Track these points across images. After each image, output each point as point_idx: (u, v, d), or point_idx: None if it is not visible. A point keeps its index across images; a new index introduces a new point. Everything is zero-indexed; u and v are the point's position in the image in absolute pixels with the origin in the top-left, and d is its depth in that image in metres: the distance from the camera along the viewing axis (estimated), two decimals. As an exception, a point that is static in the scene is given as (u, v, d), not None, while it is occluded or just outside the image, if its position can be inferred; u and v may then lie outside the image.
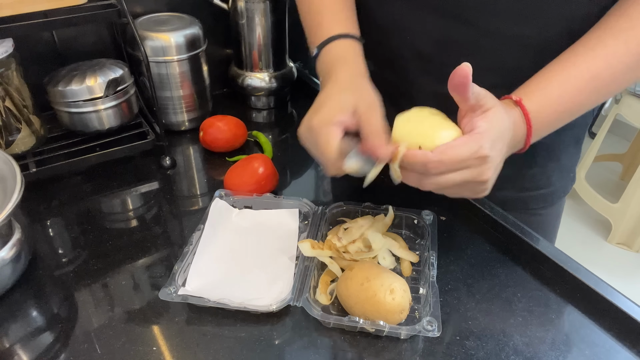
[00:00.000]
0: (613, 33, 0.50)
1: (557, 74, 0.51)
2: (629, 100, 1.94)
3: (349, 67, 0.57)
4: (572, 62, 0.51)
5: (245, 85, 0.95)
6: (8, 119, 0.69)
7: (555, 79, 0.51)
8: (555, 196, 0.75)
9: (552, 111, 0.51)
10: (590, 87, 0.51)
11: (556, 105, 0.51)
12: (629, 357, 0.51)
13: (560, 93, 0.51)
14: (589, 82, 0.50)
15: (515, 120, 0.50)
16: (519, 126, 0.50)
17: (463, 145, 0.45)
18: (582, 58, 0.51)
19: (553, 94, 0.51)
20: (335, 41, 0.60)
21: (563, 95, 0.51)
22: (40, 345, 0.52)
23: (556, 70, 0.52)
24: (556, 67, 0.52)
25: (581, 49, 0.51)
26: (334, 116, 0.50)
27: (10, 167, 0.56)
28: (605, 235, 2.11)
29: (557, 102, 0.51)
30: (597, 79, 0.50)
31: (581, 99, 0.52)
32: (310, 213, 0.66)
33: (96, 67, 0.75)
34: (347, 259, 0.59)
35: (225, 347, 0.51)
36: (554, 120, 0.53)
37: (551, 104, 0.51)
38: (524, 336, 0.53)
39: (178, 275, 0.55)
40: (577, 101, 0.52)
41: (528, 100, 0.50)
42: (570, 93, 0.51)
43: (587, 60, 0.50)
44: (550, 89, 0.51)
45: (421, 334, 0.50)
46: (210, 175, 0.82)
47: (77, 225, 0.68)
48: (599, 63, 0.50)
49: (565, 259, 0.59)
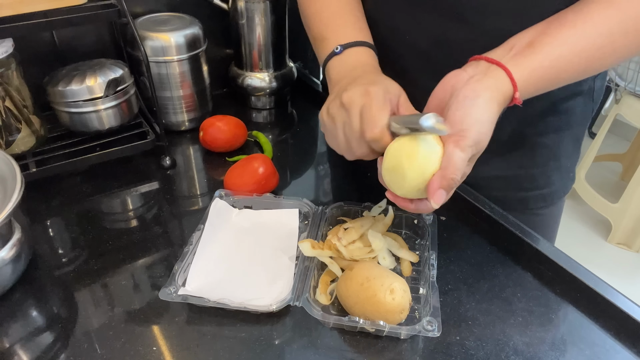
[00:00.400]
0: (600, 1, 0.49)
1: (545, 39, 0.50)
2: (629, 100, 1.94)
3: (378, 71, 0.58)
4: (570, 26, 0.50)
5: (245, 85, 0.95)
6: (8, 119, 0.69)
7: (543, 45, 0.50)
8: (555, 196, 0.75)
9: (538, 78, 0.50)
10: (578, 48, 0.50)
11: (543, 74, 0.50)
12: (629, 357, 0.51)
13: (549, 62, 0.49)
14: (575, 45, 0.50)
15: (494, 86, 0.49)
16: (504, 92, 0.49)
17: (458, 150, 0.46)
18: (580, 29, 0.50)
19: (539, 61, 0.49)
20: (361, 47, 0.60)
21: (552, 64, 0.50)
22: (40, 345, 0.52)
23: (545, 35, 0.50)
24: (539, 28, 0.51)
25: (569, 15, 0.50)
26: (389, 91, 0.52)
27: (10, 167, 0.56)
28: (605, 235, 2.11)
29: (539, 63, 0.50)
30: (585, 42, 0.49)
31: (572, 68, 0.51)
32: (310, 213, 0.66)
33: (96, 67, 0.75)
34: (347, 258, 0.59)
35: (225, 347, 0.51)
36: (542, 87, 0.51)
37: (538, 73, 0.50)
38: (524, 336, 0.53)
39: (178, 275, 0.55)
40: (564, 68, 0.50)
41: (515, 67, 0.49)
42: (560, 62, 0.50)
43: (575, 25, 0.49)
44: (538, 56, 0.49)
45: (421, 334, 0.50)
46: (210, 175, 0.82)
47: (77, 225, 0.68)
48: (597, 40, 0.49)
49: (565, 259, 0.59)
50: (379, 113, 0.49)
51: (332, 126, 0.54)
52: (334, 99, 0.54)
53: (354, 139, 0.52)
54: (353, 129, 0.51)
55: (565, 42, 0.49)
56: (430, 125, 0.44)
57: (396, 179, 0.49)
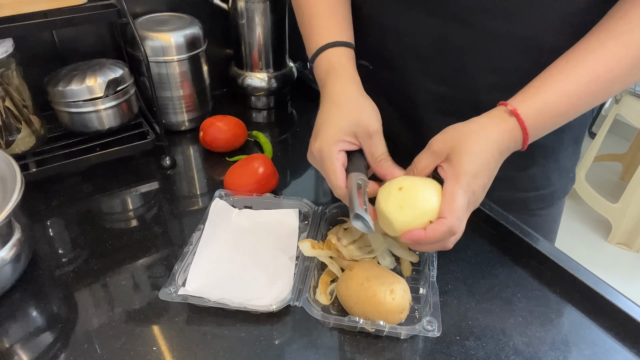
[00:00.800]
0: (613, 35, 0.50)
1: (556, 77, 0.51)
2: (629, 100, 1.94)
3: (340, 79, 0.58)
4: (571, 64, 0.51)
5: (245, 85, 0.95)
6: (8, 119, 0.69)
7: (554, 82, 0.51)
8: (555, 197, 0.75)
9: (549, 115, 0.51)
10: (589, 89, 0.50)
11: (553, 108, 0.51)
12: (629, 357, 0.51)
13: (558, 97, 0.50)
14: (588, 85, 0.50)
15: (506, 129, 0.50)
16: (512, 134, 0.50)
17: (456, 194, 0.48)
18: (582, 60, 0.50)
19: (551, 98, 0.50)
20: (325, 51, 0.60)
21: (561, 99, 0.50)
22: (40, 345, 0.52)
23: (555, 73, 0.51)
24: (555, 70, 0.51)
25: (581, 51, 0.51)
26: (334, 144, 0.53)
27: (10, 167, 0.56)
28: (605, 235, 2.11)
29: (554, 105, 0.50)
30: (596, 82, 0.50)
31: (579, 102, 0.51)
32: (310, 213, 0.66)
33: (96, 67, 0.75)
34: (347, 258, 0.59)
35: (225, 347, 0.51)
36: (550, 124, 0.52)
37: (548, 108, 0.51)
38: (524, 336, 0.53)
39: (178, 275, 0.55)
40: (575, 103, 0.51)
41: (525, 107, 0.50)
42: (568, 96, 0.50)
43: (586, 63, 0.50)
44: (549, 93, 0.50)
45: (421, 334, 0.50)
46: (210, 175, 0.82)
47: (77, 225, 0.68)
48: (597, 66, 0.50)
49: (565, 259, 0.59)
50: (334, 178, 0.52)
51: None
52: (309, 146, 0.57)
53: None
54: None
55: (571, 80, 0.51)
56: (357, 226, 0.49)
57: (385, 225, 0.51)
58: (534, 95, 0.51)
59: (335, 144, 0.53)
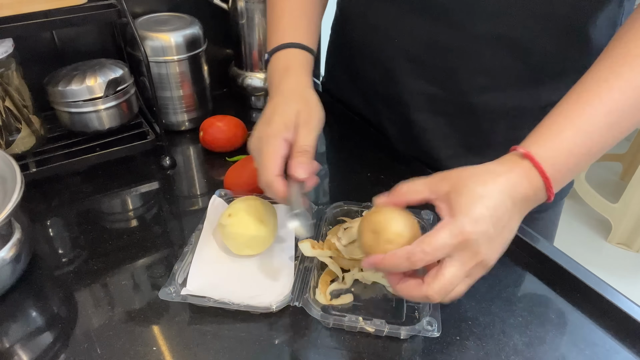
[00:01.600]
0: (626, 61, 0.45)
1: (568, 113, 0.45)
2: (629, 100, 1.94)
3: (294, 78, 0.58)
4: (584, 98, 0.45)
5: (245, 85, 0.95)
6: (8, 119, 0.69)
7: (567, 119, 0.45)
8: (553, 199, 0.75)
9: (569, 154, 0.44)
10: (608, 121, 0.44)
11: (572, 147, 0.44)
12: (629, 357, 0.51)
13: (574, 133, 0.44)
14: (606, 117, 0.44)
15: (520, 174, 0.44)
16: (529, 179, 0.44)
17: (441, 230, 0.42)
18: (595, 92, 0.45)
19: (567, 136, 0.44)
20: (284, 50, 0.60)
21: (578, 136, 0.44)
22: (40, 345, 0.52)
23: (567, 109, 0.46)
24: (566, 105, 0.46)
25: (592, 82, 0.46)
26: (280, 130, 0.52)
27: (10, 167, 0.56)
28: (605, 235, 2.11)
29: (572, 144, 0.44)
30: (613, 113, 0.44)
31: (600, 137, 0.45)
32: (310, 213, 0.66)
33: (96, 67, 0.75)
34: (347, 258, 0.59)
35: (225, 347, 0.51)
36: (573, 164, 0.45)
37: (567, 147, 0.44)
38: (524, 336, 0.53)
39: (178, 275, 0.56)
40: (596, 140, 0.45)
41: (539, 148, 0.44)
42: (586, 132, 0.44)
43: (600, 94, 0.45)
44: (563, 131, 0.44)
45: (421, 334, 0.50)
46: (210, 175, 0.82)
47: (77, 225, 0.68)
48: (614, 95, 0.44)
49: (566, 259, 0.59)
50: (271, 161, 0.51)
51: None
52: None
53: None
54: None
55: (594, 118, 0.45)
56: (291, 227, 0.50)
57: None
58: (547, 134, 0.45)
59: (279, 132, 0.51)
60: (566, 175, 0.45)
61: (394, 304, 0.56)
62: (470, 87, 0.63)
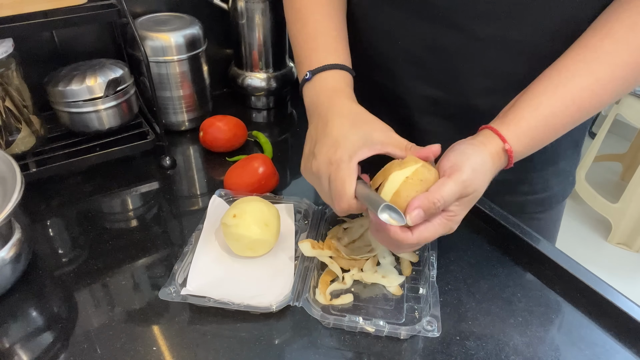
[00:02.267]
0: (597, 56, 0.50)
1: (538, 99, 0.51)
2: (629, 100, 1.94)
3: (347, 100, 0.57)
4: (552, 88, 0.51)
5: (245, 85, 0.95)
6: (8, 119, 0.69)
7: (535, 105, 0.51)
8: (554, 200, 0.75)
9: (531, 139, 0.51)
10: (572, 113, 0.51)
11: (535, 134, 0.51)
12: (629, 357, 0.51)
13: (538, 121, 0.51)
14: (572, 107, 0.51)
15: (496, 152, 0.51)
16: (499, 156, 0.51)
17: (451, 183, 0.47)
18: (565, 83, 0.50)
19: (532, 123, 0.51)
20: (331, 70, 0.59)
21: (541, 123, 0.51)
22: (40, 345, 0.52)
23: (537, 94, 0.51)
24: (537, 90, 0.52)
25: (566, 73, 0.51)
26: (356, 152, 0.51)
27: (10, 167, 0.56)
28: (605, 235, 2.11)
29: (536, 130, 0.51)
30: (578, 106, 0.51)
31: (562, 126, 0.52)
32: (310, 213, 0.66)
33: (96, 67, 0.75)
34: (347, 258, 0.59)
35: (225, 347, 0.51)
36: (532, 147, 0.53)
37: (531, 134, 0.51)
38: (524, 336, 0.53)
39: (178, 275, 0.56)
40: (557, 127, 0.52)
41: (509, 132, 0.51)
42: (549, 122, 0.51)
43: (569, 86, 0.50)
44: (531, 119, 0.51)
45: (421, 334, 0.50)
46: (210, 175, 0.82)
47: (77, 225, 0.68)
48: (583, 94, 0.50)
49: (565, 259, 0.59)
50: (342, 187, 0.50)
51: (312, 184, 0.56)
52: (306, 159, 0.56)
53: (329, 203, 0.54)
54: (326, 197, 0.54)
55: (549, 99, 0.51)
56: (384, 218, 0.46)
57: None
58: (517, 121, 0.51)
59: (355, 154, 0.51)
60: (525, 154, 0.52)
61: (394, 304, 0.56)
62: (473, 90, 0.63)
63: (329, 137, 0.53)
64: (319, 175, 0.53)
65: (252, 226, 0.58)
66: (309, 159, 0.55)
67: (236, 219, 0.58)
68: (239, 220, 0.58)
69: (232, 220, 0.58)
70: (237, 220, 0.58)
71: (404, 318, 0.54)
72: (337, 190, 0.50)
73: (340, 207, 0.51)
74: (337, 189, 0.50)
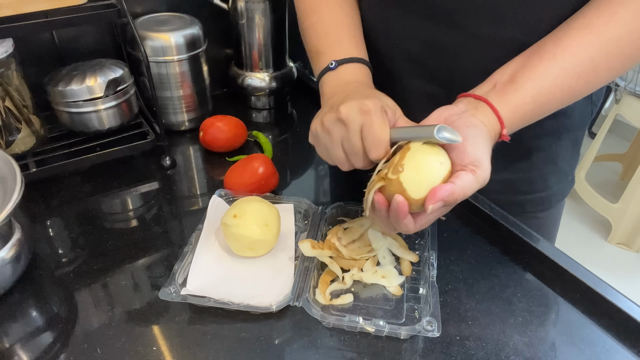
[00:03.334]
0: (568, 34, 0.50)
1: (533, 74, 0.50)
2: (629, 100, 1.94)
3: (369, 86, 0.58)
4: (545, 63, 0.50)
5: (245, 85, 0.95)
6: (8, 119, 0.69)
7: (529, 79, 0.50)
8: (554, 199, 0.75)
9: (523, 114, 0.51)
10: (564, 95, 0.51)
11: (527, 110, 0.50)
12: (629, 357, 0.51)
13: (532, 97, 0.50)
14: (564, 92, 0.50)
15: (492, 129, 0.49)
16: (495, 130, 0.50)
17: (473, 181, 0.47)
18: (560, 60, 0.50)
19: (526, 99, 0.50)
20: (358, 64, 0.60)
21: (535, 99, 0.50)
22: (40, 345, 0.52)
23: (532, 67, 0.50)
24: (532, 63, 0.51)
25: (559, 51, 0.50)
26: (387, 105, 0.51)
27: (10, 167, 0.56)
28: (605, 235, 2.11)
29: (529, 106, 0.50)
30: (569, 82, 0.50)
31: (556, 98, 0.51)
32: (310, 213, 0.66)
33: (96, 67, 0.75)
34: (347, 258, 0.59)
35: (225, 347, 0.51)
36: (523, 123, 0.52)
37: (523, 110, 0.50)
38: (524, 336, 0.53)
39: (178, 275, 0.56)
40: (549, 103, 0.51)
41: (505, 112, 0.49)
42: (544, 96, 0.50)
43: (563, 63, 0.50)
44: (524, 93, 0.50)
45: (421, 334, 0.50)
46: (210, 175, 0.82)
47: (77, 225, 0.68)
48: (578, 68, 0.49)
49: (565, 259, 0.59)
50: (381, 132, 0.49)
51: (328, 140, 0.53)
52: (328, 112, 0.52)
53: (354, 154, 0.51)
54: (354, 146, 0.50)
55: (546, 75, 0.50)
56: (445, 135, 0.44)
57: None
58: (516, 107, 0.50)
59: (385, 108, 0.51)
60: (518, 127, 0.52)
61: (394, 304, 0.56)
62: (471, 87, 0.63)
63: (358, 94, 0.53)
64: (349, 121, 0.50)
65: (252, 226, 0.58)
66: (331, 111, 0.52)
67: (236, 219, 0.58)
68: (239, 220, 0.58)
69: (232, 220, 0.58)
70: (237, 220, 0.58)
71: (404, 318, 0.54)
72: (374, 136, 0.49)
73: (377, 154, 0.49)
74: (373, 135, 0.49)
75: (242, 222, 0.58)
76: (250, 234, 0.57)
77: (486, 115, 0.49)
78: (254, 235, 0.58)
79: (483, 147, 0.48)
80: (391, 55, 0.67)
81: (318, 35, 0.64)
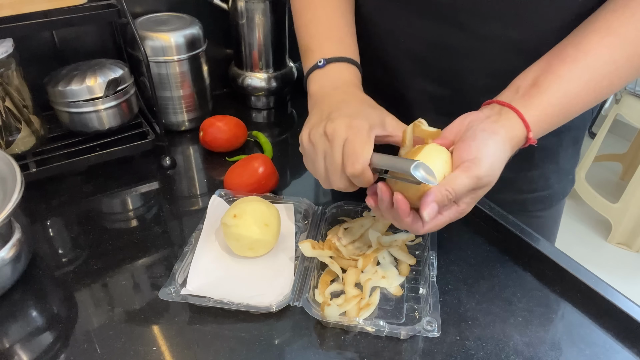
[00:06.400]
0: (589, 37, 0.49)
1: (557, 77, 0.50)
2: (629, 100, 1.94)
3: (359, 90, 0.58)
4: (568, 65, 0.49)
5: (245, 85, 0.95)
6: (8, 119, 0.69)
7: (554, 82, 0.50)
8: (554, 199, 0.75)
9: (550, 117, 0.50)
10: (591, 97, 0.50)
11: (552, 113, 0.50)
12: (629, 357, 0.51)
13: (558, 99, 0.49)
14: (588, 85, 0.50)
15: (515, 135, 0.49)
16: (519, 137, 0.49)
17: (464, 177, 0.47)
18: (582, 62, 0.49)
19: (551, 101, 0.49)
20: (346, 63, 0.60)
21: (561, 101, 0.50)
22: (40, 345, 0.52)
23: (554, 70, 0.50)
24: (555, 67, 0.50)
25: (581, 54, 0.50)
26: (374, 127, 0.51)
27: (10, 167, 0.56)
28: (605, 235, 2.11)
29: (554, 109, 0.50)
30: (594, 83, 0.50)
31: (581, 109, 0.51)
32: (310, 213, 0.66)
33: (96, 67, 0.75)
34: (347, 258, 0.59)
35: (225, 347, 0.51)
36: (550, 126, 0.51)
37: (549, 112, 0.50)
38: (524, 336, 0.53)
39: (178, 275, 0.56)
40: (576, 106, 0.51)
41: (528, 112, 0.49)
42: (571, 109, 0.50)
43: (586, 64, 0.49)
44: (550, 96, 0.49)
45: (421, 334, 0.50)
46: (210, 175, 0.82)
47: (77, 225, 0.68)
48: (604, 81, 0.49)
49: (565, 259, 0.59)
50: (361, 149, 0.48)
51: (313, 153, 0.53)
52: (316, 125, 0.52)
53: (333, 170, 0.51)
54: (334, 161, 0.50)
55: (569, 78, 0.49)
56: (420, 173, 0.44)
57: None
58: (543, 108, 0.49)
59: (373, 128, 0.51)
60: (545, 130, 0.51)
61: (394, 304, 0.56)
62: (474, 88, 0.63)
63: (349, 107, 0.53)
64: (334, 137, 0.50)
65: (252, 226, 0.58)
66: (319, 123, 0.52)
67: (236, 219, 0.58)
68: (239, 220, 0.58)
69: (232, 220, 0.58)
70: (237, 220, 0.58)
71: (404, 318, 0.54)
72: (354, 151, 0.48)
73: (352, 169, 0.49)
74: (353, 149, 0.48)
75: (242, 222, 0.58)
76: (250, 234, 0.57)
77: (510, 121, 0.49)
78: (254, 235, 0.58)
79: (490, 149, 0.47)
80: (396, 54, 0.67)
81: (310, 33, 0.64)
